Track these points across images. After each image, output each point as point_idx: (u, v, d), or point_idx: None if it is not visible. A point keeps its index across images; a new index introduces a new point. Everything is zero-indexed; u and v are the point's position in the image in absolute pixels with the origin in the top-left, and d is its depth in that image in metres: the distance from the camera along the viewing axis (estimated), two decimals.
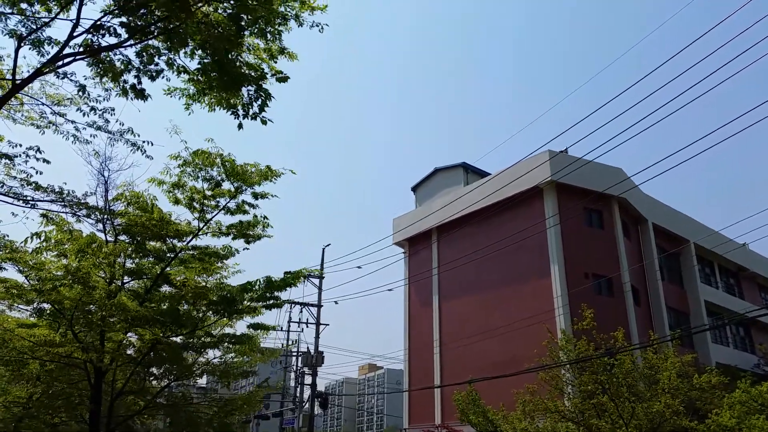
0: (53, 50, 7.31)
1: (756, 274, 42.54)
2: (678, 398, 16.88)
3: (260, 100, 7.71)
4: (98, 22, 6.98)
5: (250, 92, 7.69)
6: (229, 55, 7.32)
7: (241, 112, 7.81)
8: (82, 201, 10.33)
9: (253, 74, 7.56)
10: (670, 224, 35.50)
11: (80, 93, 7.81)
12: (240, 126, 7.84)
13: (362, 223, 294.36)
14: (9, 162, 8.68)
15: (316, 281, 30.63)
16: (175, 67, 7.67)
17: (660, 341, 20.27)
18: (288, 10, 7.45)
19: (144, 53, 7.46)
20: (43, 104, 8.49)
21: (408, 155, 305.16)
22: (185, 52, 7.48)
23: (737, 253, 38.71)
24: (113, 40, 7.16)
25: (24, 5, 6.97)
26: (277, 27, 7.52)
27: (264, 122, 7.92)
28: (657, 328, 30.54)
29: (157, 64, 7.59)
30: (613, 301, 29.08)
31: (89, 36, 7.13)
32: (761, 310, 35.23)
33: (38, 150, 8.47)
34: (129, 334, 13.69)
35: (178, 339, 14.44)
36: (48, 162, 8.68)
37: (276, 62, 7.78)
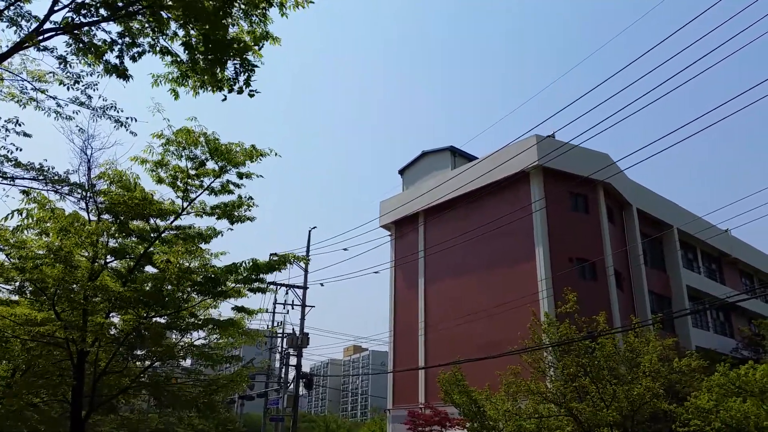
0: (33, 26, 7.17)
1: (737, 259, 43.14)
2: (658, 381, 17.15)
3: (246, 73, 7.61)
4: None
5: (236, 65, 7.59)
6: (214, 29, 7.19)
7: (226, 89, 7.71)
8: (63, 177, 10.20)
9: (236, 45, 7.44)
10: (653, 209, 35.83)
11: (62, 66, 7.66)
12: (224, 98, 7.76)
13: (349, 205, 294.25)
14: None
15: (302, 264, 30.59)
16: (158, 48, 7.54)
17: (641, 325, 20.53)
18: None
19: (126, 33, 7.33)
20: (23, 80, 8.33)
21: (395, 138, 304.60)
22: (168, 35, 7.34)
23: (719, 239, 39.21)
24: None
25: None
26: (261, 9, 7.39)
27: (251, 95, 7.82)
28: (639, 312, 30.94)
29: (140, 45, 7.47)
30: (596, 285, 29.39)
31: (70, 15, 6.99)
32: (741, 295, 35.79)
33: (17, 122, 8.31)
34: (112, 314, 13.59)
35: (161, 320, 14.35)
36: (29, 135, 8.52)
37: (260, 47, 7.67)
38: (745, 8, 11.40)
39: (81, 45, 7.27)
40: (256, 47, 7.57)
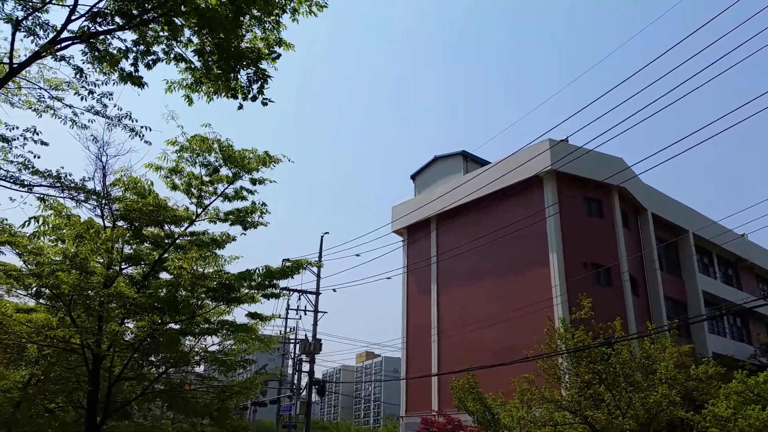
0: (50, 35, 7.26)
1: (754, 264, 42.63)
2: (675, 388, 16.94)
3: (260, 82, 7.66)
4: (95, 9, 6.91)
5: (249, 74, 7.65)
6: (228, 39, 7.25)
7: (240, 96, 7.77)
8: (80, 185, 10.28)
9: (251, 54, 7.50)
10: (669, 214, 35.52)
11: (78, 76, 7.74)
12: (240, 107, 7.82)
13: (361, 210, 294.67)
14: (6, 145, 8.64)
15: (315, 269, 30.63)
16: (172, 55, 7.61)
17: (658, 331, 20.33)
18: (287, 1, 7.39)
19: (141, 41, 7.40)
20: (41, 88, 8.43)
21: (408, 143, 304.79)
22: (182, 42, 7.41)
23: (736, 244, 38.76)
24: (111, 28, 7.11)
25: None
26: (275, 17, 7.44)
27: (264, 103, 7.88)
28: (655, 318, 30.64)
29: (154, 53, 7.54)
30: (611, 291, 29.15)
31: (87, 23, 7.07)
32: (758, 301, 35.34)
33: (35, 131, 8.42)
34: (126, 320, 13.67)
35: (175, 326, 14.41)
36: (46, 144, 8.61)
37: (275, 56, 7.73)
38: (764, 8, 11.29)
39: (97, 53, 7.35)
40: (270, 54, 7.62)
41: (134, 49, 7.39)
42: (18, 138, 8.46)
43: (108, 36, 7.28)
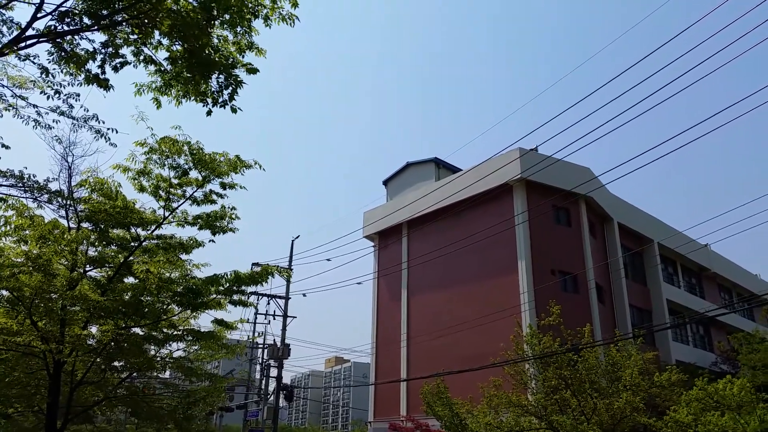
0: (15, 33, 7.09)
1: (717, 274, 43.62)
2: (639, 395, 17.22)
3: (230, 88, 7.58)
4: (63, 8, 6.78)
5: (220, 80, 7.56)
6: (199, 43, 7.17)
7: (210, 101, 7.66)
8: (44, 186, 10.05)
9: (223, 61, 7.43)
10: (634, 224, 36.18)
11: (43, 75, 7.57)
12: (209, 113, 7.71)
13: (332, 215, 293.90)
14: None
15: (285, 276, 30.35)
16: (141, 57, 7.49)
17: (624, 338, 20.66)
18: (259, 8, 7.36)
19: (110, 43, 7.27)
20: (4, 86, 8.21)
21: (380, 149, 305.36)
22: (152, 44, 7.31)
23: (699, 254, 39.64)
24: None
25: None
26: (247, 21, 7.40)
27: (234, 110, 7.81)
28: (620, 325, 31.14)
29: (122, 56, 7.41)
30: (577, 298, 29.55)
31: (53, 22, 6.93)
32: (720, 310, 36.18)
33: None
34: (90, 324, 13.39)
35: (140, 331, 14.17)
36: (7, 147, 8.39)
37: (244, 56, 7.65)
38: (731, 23, 11.63)
39: (63, 53, 7.20)
40: (246, 65, 7.55)
41: (102, 50, 7.26)
42: None
43: (75, 36, 7.14)
